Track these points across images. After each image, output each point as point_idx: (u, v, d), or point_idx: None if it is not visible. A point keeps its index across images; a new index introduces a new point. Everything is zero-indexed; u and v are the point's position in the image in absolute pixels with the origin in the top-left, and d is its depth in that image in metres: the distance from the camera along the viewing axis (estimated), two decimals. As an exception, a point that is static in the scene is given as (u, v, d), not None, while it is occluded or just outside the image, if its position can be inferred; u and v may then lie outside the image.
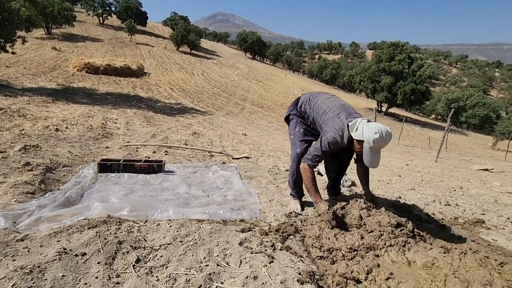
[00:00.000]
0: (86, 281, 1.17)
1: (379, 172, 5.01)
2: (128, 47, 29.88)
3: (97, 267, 1.26)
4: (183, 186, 2.62)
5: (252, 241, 1.62)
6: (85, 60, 18.20)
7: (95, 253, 1.35)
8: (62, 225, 1.56)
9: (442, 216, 2.61)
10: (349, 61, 79.17)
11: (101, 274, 1.22)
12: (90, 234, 1.48)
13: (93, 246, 1.40)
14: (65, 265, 1.23)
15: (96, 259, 1.31)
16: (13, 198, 1.81)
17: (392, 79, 26.86)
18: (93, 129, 5.11)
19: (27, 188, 1.99)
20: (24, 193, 1.92)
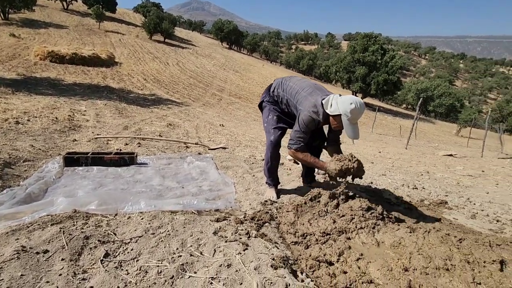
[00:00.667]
0: (48, 279, 1.10)
1: (353, 160, 5.19)
2: (96, 35, 28.20)
3: (61, 264, 1.19)
4: (157, 178, 2.54)
5: (227, 230, 1.62)
6: (48, 48, 16.95)
7: (58, 249, 1.28)
8: (22, 222, 1.46)
9: (410, 198, 2.75)
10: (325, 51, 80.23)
11: (66, 271, 1.16)
12: (53, 231, 1.39)
13: (57, 242, 1.32)
14: (25, 264, 1.15)
15: (59, 256, 1.24)
16: (-36, 196, 1.66)
17: (366, 70, 27.65)
18: (59, 121, 4.81)
19: (-19, 184, 1.84)
20: (-23, 190, 1.76)
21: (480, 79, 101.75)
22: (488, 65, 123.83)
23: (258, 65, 39.53)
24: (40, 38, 22.26)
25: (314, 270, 1.41)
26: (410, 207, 2.45)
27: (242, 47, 53.75)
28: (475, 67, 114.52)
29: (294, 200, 2.24)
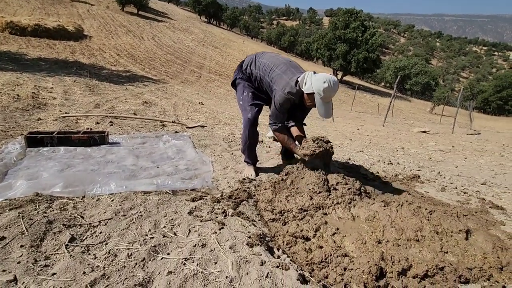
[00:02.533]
0: (4, 267, 1.02)
1: (332, 137, 5.25)
2: (61, 5, 25.85)
3: (20, 251, 1.10)
4: (130, 158, 2.42)
5: (203, 210, 1.57)
6: (7, 18, 15.37)
7: (17, 236, 1.18)
8: (-25, 208, 1.33)
9: (385, 174, 2.83)
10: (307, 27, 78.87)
11: (25, 258, 1.07)
12: (11, 216, 1.29)
13: (15, 228, 1.22)
14: (-24, 253, 1.05)
15: (18, 242, 1.15)
16: None
17: (347, 47, 27.59)
18: (21, 99, 4.44)
19: None
20: None
21: (455, 58, 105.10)
22: (463, 44, 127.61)
23: (239, 41, 38.33)
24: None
25: (290, 246, 1.42)
26: (385, 182, 2.52)
27: (222, 21, 51.59)
28: (450, 46, 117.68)
29: (272, 177, 2.23)
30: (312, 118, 10.26)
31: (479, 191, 2.61)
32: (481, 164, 4.17)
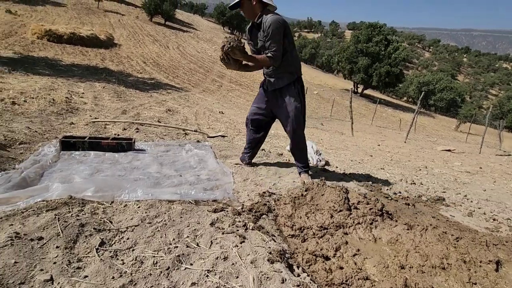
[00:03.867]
0: (42, 267, 1.09)
1: (352, 152, 5.18)
2: (95, 15, 27.49)
3: (56, 252, 1.18)
4: (154, 165, 2.51)
5: (224, 221, 1.60)
6: (46, 26, 16.54)
7: (53, 237, 1.26)
8: (16, 207, 1.44)
9: (408, 194, 2.75)
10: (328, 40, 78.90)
11: (60, 259, 1.14)
12: (48, 217, 1.37)
13: (52, 229, 1.30)
14: (18, 251, 1.14)
15: (54, 243, 1.23)
16: (-43, 179, 1.63)
17: (368, 61, 27.30)
18: (56, 103, 4.73)
19: (-25, 167, 1.80)
20: (-29, 173, 1.73)
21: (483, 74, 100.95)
22: (492, 60, 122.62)
23: (260, 52, 38.89)
24: (37, 15, 21.69)
25: (310, 265, 1.41)
26: (407, 202, 2.45)
27: (244, 32, 52.78)
28: (478, 62, 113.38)
29: (292, 192, 2.24)
30: (331, 132, 10.15)
31: (510, 219, 2.48)
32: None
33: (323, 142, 5.83)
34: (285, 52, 2.18)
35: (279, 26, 2.06)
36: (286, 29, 2.15)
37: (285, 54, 2.19)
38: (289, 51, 2.20)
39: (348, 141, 6.99)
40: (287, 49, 2.19)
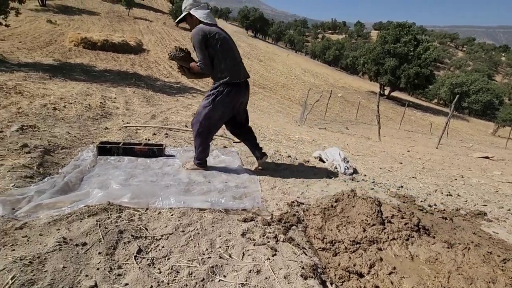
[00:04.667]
0: (87, 272, 1.15)
1: (381, 159, 4.99)
2: (126, 22, 28.90)
3: (98, 258, 1.24)
4: (184, 171, 2.58)
5: (255, 232, 1.61)
6: (82, 34, 17.64)
7: (95, 243, 1.33)
8: (62, 212, 1.54)
9: (444, 207, 2.60)
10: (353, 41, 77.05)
11: (103, 265, 1.20)
12: (90, 223, 1.45)
13: (94, 235, 1.37)
14: (66, 256, 1.21)
15: (97, 249, 1.29)
16: (11, 183, 1.77)
17: (396, 62, 26.29)
18: (92, 108, 5.01)
19: (25, 172, 1.95)
20: (22, 177, 1.88)
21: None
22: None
23: (283, 55, 38.86)
24: (74, 24, 23.18)
25: (343, 281, 1.37)
26: (445, 216, 2.31)
27: (267, 35, 52.92)
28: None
29: (321, 202, 2.19)
30: (357, 136, 9.87)
31: (563, 238, 2.26)
32: (563, 203, 3.60)
33: (349, 148, 5.68)
34: (212, 60, 2.36)
35: (198, 38, 2.26)
36: (210, 39, 2.29)
37: (213, 63, 2.37)
38: (218, 59, 2.34)
39: (375, 147, 6.75)
40: (215, 58, 2.34)
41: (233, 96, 2.46)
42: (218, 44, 2.31)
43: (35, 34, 17.61)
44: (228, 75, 2.39)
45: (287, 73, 27.29)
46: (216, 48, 2.31)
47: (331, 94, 15.14)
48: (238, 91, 2.51)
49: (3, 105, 4.57)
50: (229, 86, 2.41)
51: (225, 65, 2.37)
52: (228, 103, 2.46)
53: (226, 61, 2.37)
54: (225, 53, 2.36)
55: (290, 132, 6.80)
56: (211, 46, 2.30)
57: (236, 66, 2.45)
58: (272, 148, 4.05)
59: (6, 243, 1.24)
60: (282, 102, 16.52)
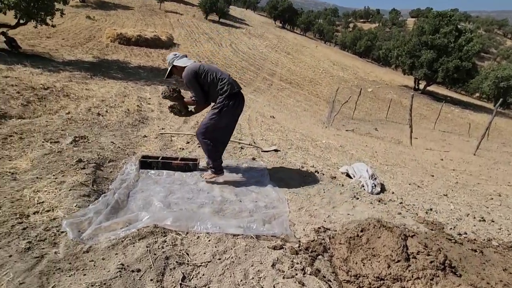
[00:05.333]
0: (143, 299, 1.36)
1: (411, 170, 4.88)
2: (157, 16, 29.73)
3: (150, 285, 1.45)
4: (217, 188, 2.78)
5: (284, 262, 1.75)
6: (117, 30, 18.51)
7: (147, 269, 1.54)
8: (117, 236, 1.78)
9: (475, 236, 2.56)
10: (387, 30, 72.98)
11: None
12: (142, 248, 1.68)
13: (145, 262, 1.59)
14: (125, 282, 1.43)
15: (149, 275, 1.51)
16: (73, 202, 2.06)
17: (434, 54, 24.65)
18: (130, 113, 5.38)
19: (83, 190, 2.24)
20: (81, 196, 2.16)
21: None
22: None
23: (311, 46, 37.93)
24: (110, 19, 24.31)
25: (366, 319, 1.48)
26: (475, 248, 2.30)
27: (296, 26, 51.75)
28: None
29: (347, 228, 2.28)
30: (386, 140, 9.58)
31: None
32: None
33: (377, 156, 5.59)
34: (208, 89, 2.72)
35: (189, 76, 2.64)
36: (199, 73, 2.66)
37: (209, 89, 2.72)
38: (213, 83, 2.68)
39: (406, 154, 6.56)
40: (210, 85, 2.69)
41: (237, 106, 2.79)
42: (206, 72, 2.67)
43: (76, 31, 18.74)
44: (227, 88, 2.69)
45: (315, 66, 26.71)
46: (207, 76, 2.66)
47: (360, 92, 14.65)
48: (240, 101, 2.83)
49: (54, 110, 5.07)
50: (233, 97, 2.72)
51: (221, 83, 2.68)
52: (233, 113, 2.80)
53: (220, 80, 2.69)
54: (215, 75, 2.70)
55: (317, 136, 6.80)
56: (202, 76, 2.66)
57: (230, 80, 2.75)
58: (299, 159, 4.14)
59: (78, 267, 1.49)
60: (309, 99, 16.32)
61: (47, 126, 4.02)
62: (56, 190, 2.21)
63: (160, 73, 13.19)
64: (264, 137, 5.43)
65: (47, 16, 11.23)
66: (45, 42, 14.65)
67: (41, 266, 1.44)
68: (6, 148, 3.09)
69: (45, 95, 5.67)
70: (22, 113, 4.44)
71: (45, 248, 1.57)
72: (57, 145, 3.19)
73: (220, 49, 23.51)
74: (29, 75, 7.29)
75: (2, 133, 3.46)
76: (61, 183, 2.32)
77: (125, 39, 18.17)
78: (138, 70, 12.88)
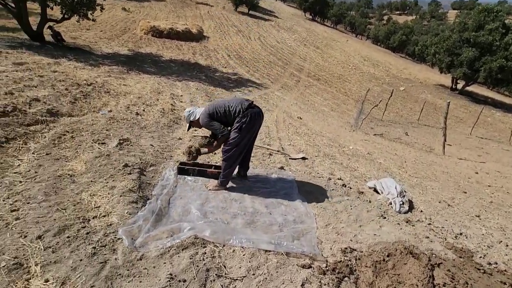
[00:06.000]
0: (189, 309, 1.56)
1: (442, 185, 4.76)
2: (188, 7, 30.17)
3: (195, 296, 1.65)
4: (248, 198, 2.95)
5: (312, 282, 1.89)
6: (151, 23, 19.11)
7: (192, 280, 1.75)
8: (164, 245, 2.00)
9: (506, 266, 2.53)
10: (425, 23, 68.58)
11: (199, 303, 1.60)
12: (186, 260, 1.88)
13: (190, 273, 1.80)
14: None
15: (193, 286, 1.71)
16: (125, 209, 2.31)
17: (476, 53, 22.96)
18: (165, 113, 5.68)
19: (131, 197, 2.50)
20: (130, 202, 2.42)
21: None
22: None
23: (342, 40, 36.74)
24: (144, 11, 25.06)
25: None
26: (504, 281, 2.29)
27: (327, 18, 50.16)
28: None
29: (373, 250, 2.36)
30: (417, 147, 9.25)
31: None
32: None
33: (406, 167, 5.49)
34: (226, 119, 2.93)
35: (205, 121, 2.94)
36: (211, 115, 2.91)
37: (227, 119, 2.93)
38: (227, 111, 2.90)
39: (437, 165, 6.35)
40: (225, 114, 2.91)
41: (254, 120, 2.95)
42: (215, 108, 2.92)
43: (112, 23, 19.58)
44: (240, 108, 2.88)
45: (345, 62, 25.94)
46: (219, 111, 2.91)
47: (392, 93, 14.10)
48: (257, 114, 2.95)
49: (98, 107, 5.48)
50: (249, 113, 2.88)
51: (232, 108, 2.89)
52: (252, 127, 2.96)
53: (230, 106, 2.90)
54: (224, 105, 2.92)
55: (344, 141, 6.77)
56: (215, 114, 2.91)
57: (237, 101, 2.97)
58: (327, 169, 4.20)
59: (135, 274, 1.72)
60: (337, 97, 16.00)
61: (93, 125, 4.39)
62: (109, 195, 2.49)
63: (190, 67, 13.57)
64: (292, 142, 5.52)
65: (89, 11, 11.89)
66: (85, 34, 15.49)
67: (105, 271, 1.68)
68: (62, 147, 3.46)
69: (89, 91, 6.11)
70: (71, 111, 4.86)
71: (106, 254, 1.82)
72: (105, 147, 3.51)
73: (249, 42, 23.52)
74: (73, 69, 7.85)
75: (58, 132, 3.85)
76: (112, 188, 2.60)
77: (158, 32, 18.73)
78: (169, 64, 13.33)
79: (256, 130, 3.12)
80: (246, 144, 3.03)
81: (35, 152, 3.23)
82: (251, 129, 2.98)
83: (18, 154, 3.15)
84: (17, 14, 10.21)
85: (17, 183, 2.58)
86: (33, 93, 5.01)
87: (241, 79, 13.76)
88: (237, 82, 12.77)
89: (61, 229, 1.97)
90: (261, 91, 12.34)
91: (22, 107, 4.26)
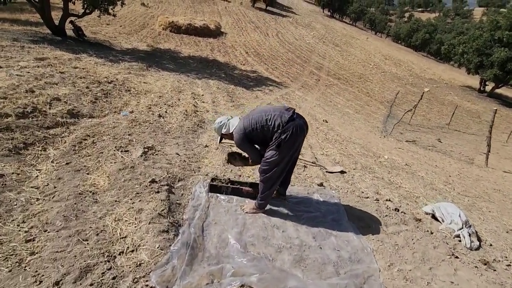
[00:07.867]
0: None
1: (500, 207, 4.19)
2: (206, 3, 29.85)
3: None
4: (291, 226, 2.54)
5: None
6: (169, 19, 18.90)
7: None
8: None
9: None
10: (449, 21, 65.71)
11: None
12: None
13: None
14: None
15: None
16: (155, 242, 1.95)
17: (509, 53, 21.58)
18: (188, 115, 5.33)
19: (161, 224, 2.13)
20: (161, 232, 2.05)
21: None
22: None
23: (361, 38, 35.60)
24: (162, 6, 24.91)
25: None
26: None
27: (346, 15, 48.81)
28: None
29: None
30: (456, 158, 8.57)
31: None
32: None
33: (453, 183, 4.92)
34: (263, 135, 2.49)
35: (239, 142, 2.56)
36: (247, 134, 2.51)
37: (264, 134, 2.48)
38: (265, 126, 2.45)
39: (485, 180, 5.72)
40: (262, 132, 2.47)
41: (296, 136, 2.45)
42: (252, 124, 2.48)
43: (131, 18, 19.49)
44: (281, 120, 2.41)
45: (365, 60, 25.01)
46: (256, 127, 2.47)
47: (421, 97, 13.23)
48: (299, 128, 2.46)
49: (119, 107, 5.19)
50: (290, 127, 2.41)
51: (272, 121, 2.43)
52: (293, 143, 2.47)
53: (268, 120, 2.45)
54: (262, 119, 2.47)
55: (377, 149, 6.24)
56: (253, 131, 2.49)
57: (276, 111, 2.50)
58: (370, 186, 3.73)
59: None
60: (360, 98, 15.31)
61: (115, 127, 4.08)
62: (136, 221, 2.14)
63: (209, 64, 13.25)
64: (324, 150, 5.06)
65: (109, 6, 11.71)
66: (105, 29, 15.42)
67: None
68: (82, 155, 3.14)
69: (109, 90, 5.83)
70: (92, 111, 4.57)
71: (138, 312, 1.46)
72: (129, 156, 3.17)
73: (267, 39, 22.99)
74: (93, 65, 7.63)
75: (78, 136, 3.55)
76: (139, 211, 2.24)
77: (176, 27, 18.51)
78: (188, 61, 13.04)
79: (299, 145, 2.62)
80: (288, 162, 2.57)
81: (54, 160, 2.93)
82: (293, 146, 2.48)
83: (37, 162, 2.85)
84: (40, 9, 10.12)
85: (34, 201, 2.27)
86: (54, 91, 4.75)
87: (261, 77, 13.33)
88: (257, 81, 12.34)
89: (83, 272, 1.62)
90: (282, 90, 11.87)
91: (42, 107, 3.99)
